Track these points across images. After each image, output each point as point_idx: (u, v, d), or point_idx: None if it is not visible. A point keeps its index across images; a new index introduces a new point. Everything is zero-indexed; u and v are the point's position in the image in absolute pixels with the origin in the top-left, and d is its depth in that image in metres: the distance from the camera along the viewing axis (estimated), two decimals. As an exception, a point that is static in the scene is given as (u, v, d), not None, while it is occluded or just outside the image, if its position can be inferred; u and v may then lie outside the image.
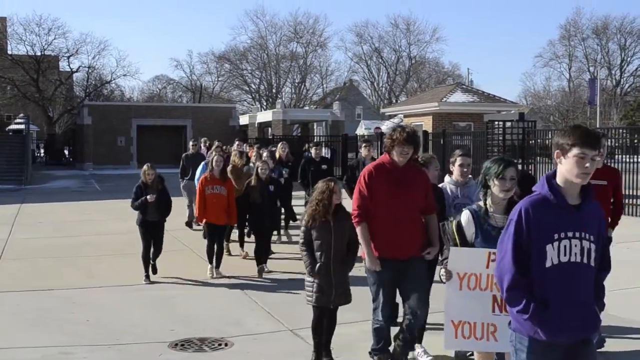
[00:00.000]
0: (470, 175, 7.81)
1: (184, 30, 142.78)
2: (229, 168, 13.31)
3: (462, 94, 31.49)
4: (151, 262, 11.78)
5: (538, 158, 24.08)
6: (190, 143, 19.52)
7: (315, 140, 39.41)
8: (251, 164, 15.17)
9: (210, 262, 11.97)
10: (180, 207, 19.89)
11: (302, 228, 7.39)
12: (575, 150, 3.92)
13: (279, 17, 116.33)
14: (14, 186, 33.31)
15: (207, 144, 22.89)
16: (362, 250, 7.01)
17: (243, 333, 8.45)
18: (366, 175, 6.89)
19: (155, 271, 11.83)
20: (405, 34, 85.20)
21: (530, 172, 22.61)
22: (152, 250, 11.81)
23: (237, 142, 18.96)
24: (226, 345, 8.04)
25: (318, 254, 7.22)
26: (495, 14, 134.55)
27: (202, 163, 15.89)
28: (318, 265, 7.17)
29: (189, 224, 17.31)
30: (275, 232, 14.29)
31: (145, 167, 11.70)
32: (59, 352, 7.81)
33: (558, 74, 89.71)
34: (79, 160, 52.96)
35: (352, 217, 6.90)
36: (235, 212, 12.27)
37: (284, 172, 15.17)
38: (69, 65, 65.02)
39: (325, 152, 40.50)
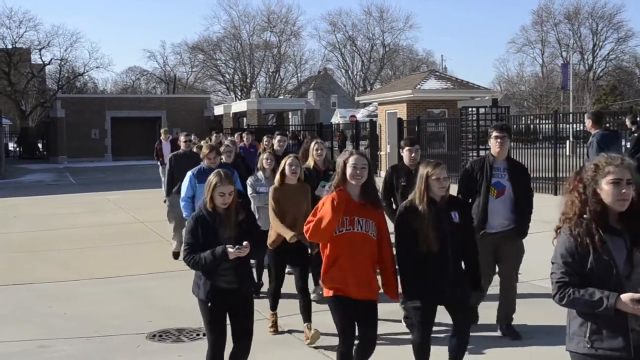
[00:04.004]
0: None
1: (156, 20, 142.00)
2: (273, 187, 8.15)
3: (436, 81, 31.60)
4: None
5: (512, 144, 24.24)
6: (182, 137, 13.33)
7: (291, 129, 39.32)
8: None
9: None
10: (158, 198, 19.96)
11: None
12: None
13: (252, 6, 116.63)
14: (-13, 181, 33.04)
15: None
16: None
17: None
18: None
19: None
20: (378, 21, 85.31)
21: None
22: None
23: (275, 137, 12.26)
24: (204, 335, 8.05)
25: None
26: (467, 0, 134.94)
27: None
28: None
29: (177, 254, 12.33)
30: None
31: (214, 177, 5.74)
32: (37, 345, 7.82)
33: (531, 59, 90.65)
34: (53, 153, 52.59)
35: None
36: (392, 267, 5.94)
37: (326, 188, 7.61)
38: (40, 58, 64.64)
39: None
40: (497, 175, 7.65)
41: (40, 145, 64.53)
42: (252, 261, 7.57)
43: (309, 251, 8.06)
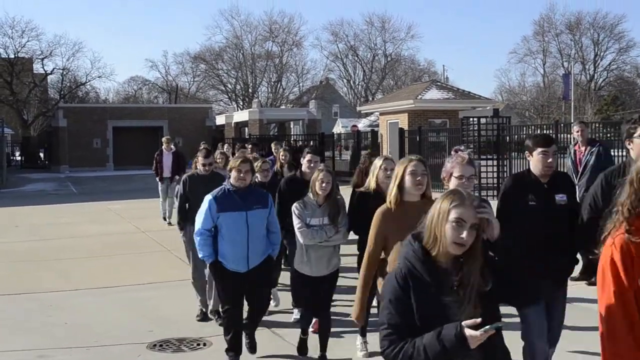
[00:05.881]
0: None
1: (158, 30, 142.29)
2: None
3: (438, 91, 31.63)
4: None
5: (513, 154, 24.26)
6: (201, 158, 9.34)
7: (292, 140, 39.28)
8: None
9: None
10: (156, 208, 19.92)
11: None
12: None
13: (253, 16, 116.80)
14: (-11, 190, 33.06)
15: (175, 145, 20.58)
16: None
17: (221, 333, 8.46)
18: None
19: None
20: (380, 31, 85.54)
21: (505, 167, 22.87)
22: None
23: (305, 155, 8.80)
24: (204, 345, 8.07)
25: None
26: (469, 10, 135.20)
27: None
28: None
29: (204, 314, 9.20)
30: None
31: (450, 198, 3.41)
32: (37, 355, 7.81)
33: (533, 69, 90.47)
34: (54, 162, 52.60)
35: None
36: None
37: None
38: (43, 68, 64.74)
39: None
40: None
41: (42, 155, 64.56)
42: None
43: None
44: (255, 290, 7.18)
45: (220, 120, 55.93)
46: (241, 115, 52.52)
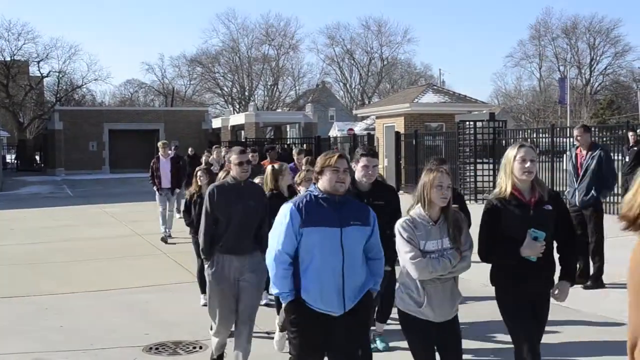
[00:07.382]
0: None
1: (155, 33, 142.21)
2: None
3: (434, 95, 31.64)
4: None
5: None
6: (235, 156, 6.62)
7: (292, 143, 39.21)
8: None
9: None
10: (152, 211, 19.85)
11: None
12: None
13: (250, 19, 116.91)
14: (-16, 193, 33.02)
15: (174, 150, 18.82)
16: None
17: (217, 336, 8.48)
18: None
19: None
20: (376, 35, 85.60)
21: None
22: None
23: (359, 158, 6.43)
24: (200, 348, 8.05)
25: None
26: (466, 14, 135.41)
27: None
28: None
29: None
30: None
31: None
32: (33, 359, 7.79)
33: (529, 73, 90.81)
34: (50, 165, 52.60)
35: None
36: None
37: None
38: (39, 70, 64.88)
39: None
40: None
41: (37, 158, 64.52)
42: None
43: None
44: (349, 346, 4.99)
45: (216, 123, 55.96)
46: (237, 119, 52.55)
